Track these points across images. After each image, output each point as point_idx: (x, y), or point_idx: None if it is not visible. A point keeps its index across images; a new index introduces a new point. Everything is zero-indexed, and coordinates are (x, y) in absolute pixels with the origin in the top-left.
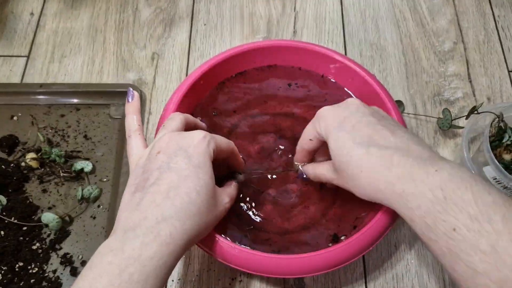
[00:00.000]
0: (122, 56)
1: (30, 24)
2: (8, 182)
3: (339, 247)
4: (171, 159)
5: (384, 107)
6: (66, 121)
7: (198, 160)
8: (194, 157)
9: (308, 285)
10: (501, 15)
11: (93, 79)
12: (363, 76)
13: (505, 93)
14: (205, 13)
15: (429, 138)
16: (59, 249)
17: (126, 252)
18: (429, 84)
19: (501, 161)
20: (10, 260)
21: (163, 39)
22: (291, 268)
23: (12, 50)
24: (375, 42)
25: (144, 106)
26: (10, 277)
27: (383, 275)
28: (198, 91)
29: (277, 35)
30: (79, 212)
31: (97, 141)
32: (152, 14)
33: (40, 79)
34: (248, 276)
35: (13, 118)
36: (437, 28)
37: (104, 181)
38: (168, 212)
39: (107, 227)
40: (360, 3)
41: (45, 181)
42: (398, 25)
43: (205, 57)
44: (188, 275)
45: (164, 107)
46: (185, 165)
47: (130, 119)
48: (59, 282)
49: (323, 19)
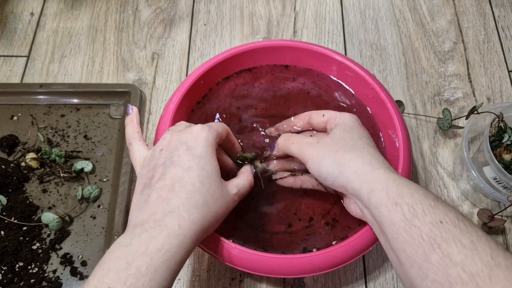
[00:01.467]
0: (122, 56)
1: (30, 24)
2: (8, 182)
3: (339, 247)
4: (173, 153)
5: (384, 107)
6: (66, 121)
7: (199, 150)
8: (195, 149)
9: (308, 285)
10: (501, 15)
11: (93, 79)
12: (363, 76)
13: (505, 93)
14: (205, 13)
15: (429, 138)
16: (59, 249)
17: (134, 246)
18: (429, 84)
19: (501, 161)
20: (10, 260)
21: (163, 39)
22: (291, 268)
23: (12, 50)
24: (375, 42)
25: (144, 106)
26: (10, 277)
27: (383, 275)
28: (198, 91)
29: (277, 35)
30: (79, 212)
31: (97, 141)
32: (152, 14)
33: (40, 79)
34: (248, 276)
35: (13, 118)
36: (437, 28)
37: (104, 181)
38: (175, 204)
39: (107, 227)
40: (360, 3)
41: (45, 181)
42: (398, 25)
43: (205, 57)
44: (188, 275)
45: (164, 107)
46: (186, 157)
47: (129, 128)
48: (59, 282)
49: (323, 19)
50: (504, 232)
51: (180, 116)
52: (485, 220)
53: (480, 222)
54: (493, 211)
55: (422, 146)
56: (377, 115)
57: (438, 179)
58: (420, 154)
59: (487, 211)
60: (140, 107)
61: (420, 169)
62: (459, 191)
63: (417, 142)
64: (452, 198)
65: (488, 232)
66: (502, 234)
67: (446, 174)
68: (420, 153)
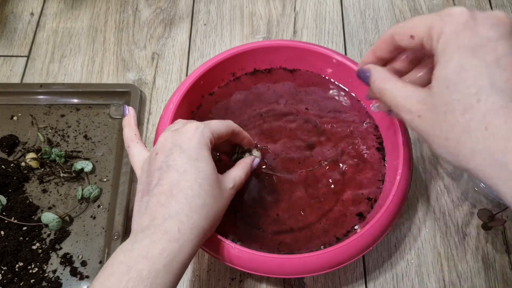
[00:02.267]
0: (122, 56)
1: (30, 24)
2: (8, 182)
3: (339, 247)
4: (168, 157)
5: None
6: (66, 121)
7: (194, 152)
8: (189, 151)
9: (308, 285)
10: None
11: (93, 79)
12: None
13: None
14: (205, 13)
15: None
16: (59, 249)
17: (135, 251)
18: None
19: None
20: (10, 260)
21: (163, 39)
22: (291, 268)
23: (12, 50)
24: (375, 42)
25: (144, 106)
26: (10, 277)
27: (383, 275)
28: (198, 92)
29: (277, 35)
30: (79, 212)
31: (97, 141)
32: (152, 14)
33: (40, 79)
34: (248, 276)
35: (13, 118)
36: None
37: (104, 181)
38: (175, 210)
39: (107, 227)
40: (360, 3)
41: (45, 181)
42: None
43: (205, 57)
44: (188, 275)
45: (164, 107)
46: (181, 160)
47: (126, 131)
48: (59, 282)
49: (323, 19)
50: (504, 231)
51: (180, 116)
52: (485, 220)
53: (480, 222)
54: (493, 211)
55: (422, 146)
56: (377, 115)
57: (438, 179)
58: (420, 154)
59: (487, 211)
60: (140, 107)
61: (420, 169)
62: (459, 191)
63: (417, 142)
64: (452, 198)
65: (487, 232)
66: (503, 235)
67: (446, 174)
68: (420, 153)
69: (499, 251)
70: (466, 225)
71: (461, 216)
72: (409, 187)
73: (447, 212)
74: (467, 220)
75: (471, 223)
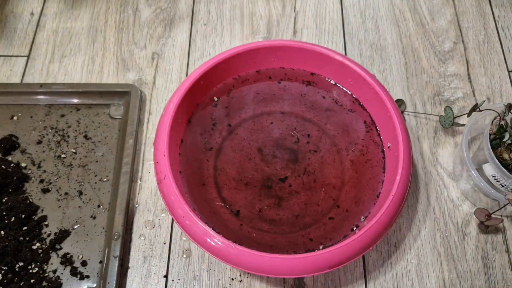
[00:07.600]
0: (122, 56)
1: (30, 24)
2: (8, 182)
3: (339, 247)
4: None
5: (384, 107)
6: (66, 121)
7: None
8: None
9: (308, 285)
10: (501, 15)
11: (93, 79)
12: (363, 76)
13: (505, 93)
14: (205, 13)
15: (429, 138)
16: (59, 249)
17: None
18: (429, 84)
19: (501, 161)
20: (10, 260)
21: (163, 39)
22: (291, 268)
23: (12, 50)
24: (375, 42)
25: (144, 106)
26: (10, 277)
27: (383, 275)
28: (199, 92)
29: (277, 35)
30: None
31: (97, 141)
32: (152, 14)
33: (40, 79)
34: (248, 276)
35: (13, 118)
36: (437, 28)
37: (104, 181)
38: None
39: (107, 227)
40: (360, 3)
41: (46, 181)
42: (398, 25)
43: (205, 57)
44: (188, 275)
45: (164, 107)
46: None
47: None
48: (59, 282)
49: (323, 19)
50: (503, 231)
51: (180, 116)
52: (482, 219)
53: (477, 221)
54: (493, 210)
55: (422, 146)
56: (377, 115)
57: (438, 179)
58: (420, 154)
59: (484, 210)
60: (140, 107)
61: (420, 169)
62: (459, 191)
63: (417, 142)
64: (452, 198)
65: (486, 231)
66: (502, 234)
67: (446, 174)
68: (420, 153)
69: (499, 251)
70: (466, 225)
71: (461, 216)
72: (409, 187)
73: (447, 212)
74: (467, 220)
75: (471, 223)
